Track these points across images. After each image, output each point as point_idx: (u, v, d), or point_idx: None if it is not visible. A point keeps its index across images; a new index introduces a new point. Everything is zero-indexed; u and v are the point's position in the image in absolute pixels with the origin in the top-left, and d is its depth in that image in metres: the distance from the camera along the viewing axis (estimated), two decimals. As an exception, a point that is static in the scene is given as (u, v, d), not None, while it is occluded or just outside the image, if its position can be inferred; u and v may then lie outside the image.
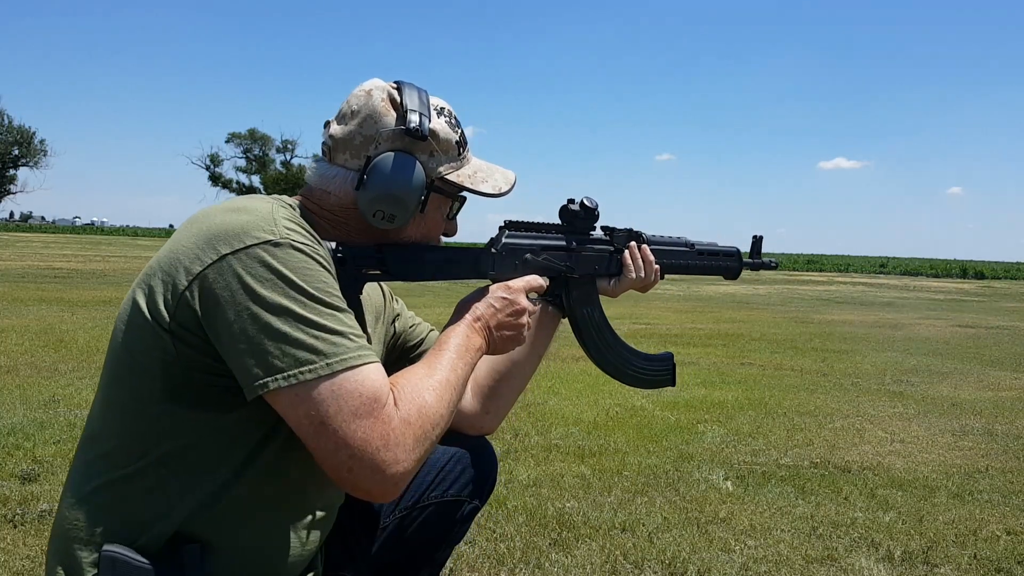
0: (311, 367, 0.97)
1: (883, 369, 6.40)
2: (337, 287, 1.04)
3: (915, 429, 4.20)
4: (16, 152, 52.94)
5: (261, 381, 0.97)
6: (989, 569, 2.32)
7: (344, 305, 1.04)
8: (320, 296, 1.00)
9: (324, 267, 1.04)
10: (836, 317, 11.80)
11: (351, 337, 1.01)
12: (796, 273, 34.62)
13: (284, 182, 55.79)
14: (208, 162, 58.63)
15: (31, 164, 54.14)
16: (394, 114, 1.16)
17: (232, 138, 58.87)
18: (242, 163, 59.28)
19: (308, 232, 1.06)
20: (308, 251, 1.02)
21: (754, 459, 3.46)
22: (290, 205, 1.13)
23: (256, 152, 58.87)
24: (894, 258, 58.92)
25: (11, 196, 55.33)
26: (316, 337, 0.98)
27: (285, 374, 0.96)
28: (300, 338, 0.97)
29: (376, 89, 1.18)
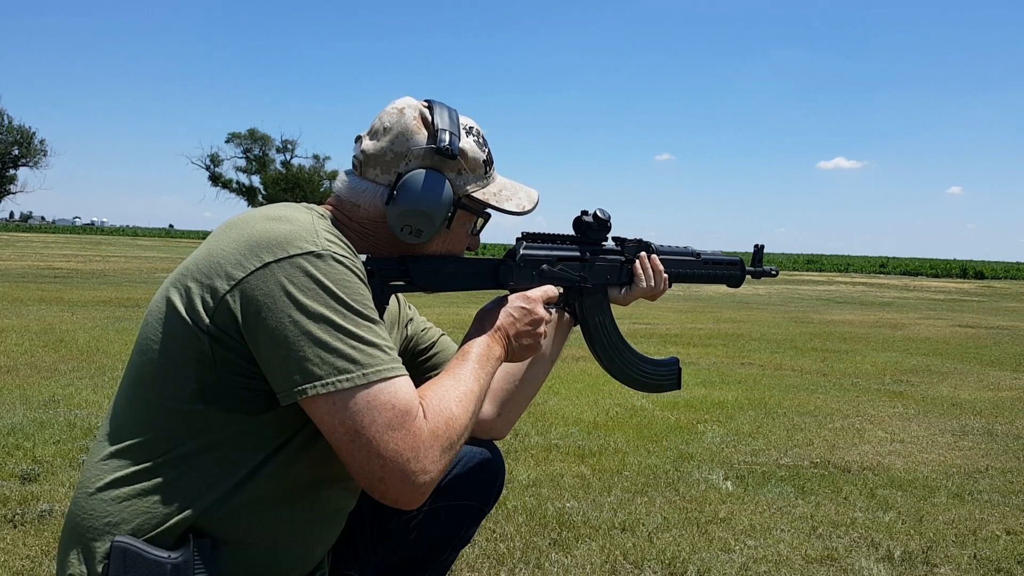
0: (348, 376, 0.99)
1: (883, 369, 6.40)
2: (371, 300, 1.07)
3: (915, 429, 4.21)
4: (16, 152, 52.84)
5: (300, 387, 0.99)
6: (989, 569, 2.32)
7: (378, 317, 1.07)
8: (358, 308, 1.03)
9: (361, 280, 1.07)
10: (836, 317, 11.80)
11: (385, 350, 1.04)
12: (796, 273, 34.62)
13: (284, 182, 55.74)
14: (208, 162, 58.51)
15: (31, 164, 54.05)
16: (425, 132, 1.19)
17: (232, 138, 58.73)
18: (242, 163, 59.14)
19: (346, 245, 1.09)
20: (347, 264, 1.05)
21: (754, 459, 3.47)
22: (323, 215, 1.15)
23: (256, 152, 58.72)
24: (894, 258, 58.89)
25: (11, 196, 55.21)
26: (354, 347, 1.01)
27: (323, 381, 0.99)
28: (339, 347, 1.00)
29: (408, 107, 1.21)
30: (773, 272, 1.75)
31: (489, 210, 1.29)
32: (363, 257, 1.15)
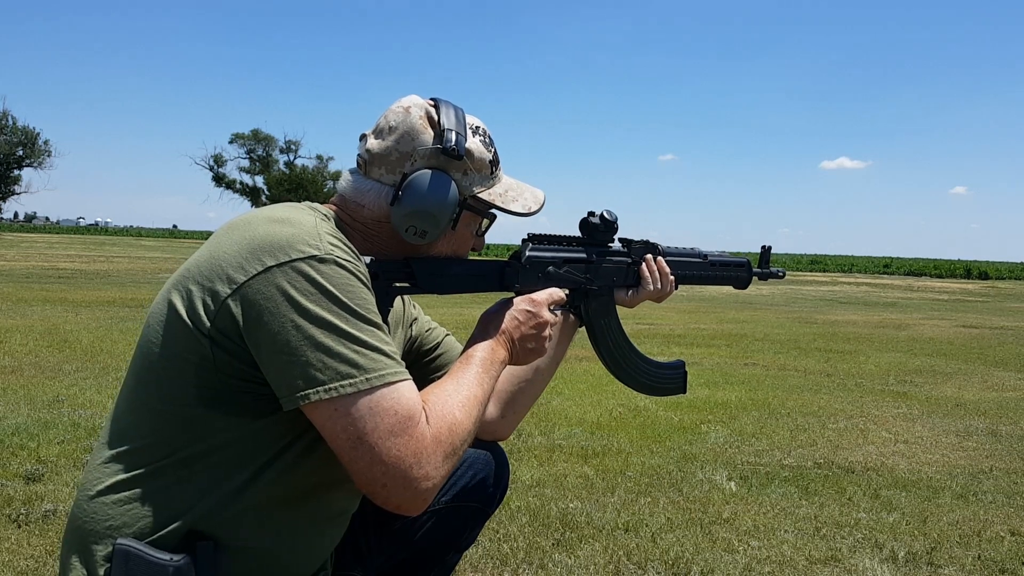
0: (351, 381, 0.99)
1: (887, 369, 6.39)
2: (375, 304, 1.06)
3: (919, 430, 4.20)
4: (20, 153, 52.85)
5: (302, 392, 0.98)
6: (993, 570, 2.31)
7: (381, 322, 1.06)
8: (361, 312, 1.02)
9: (364, 284, 1.06)
10: (840, 317, 11.78)
11: (389, 354, 1.03)
12: (800, 273, 34.55)
13: (287, 183, 55.76)
14: (212, 163, 58.53)
15: (35, 165, 54.05)
16: (431, 132, 1.18)
17: (236, 139, 58.73)
18: (246, 163, 59.15)
19: (350, 248, 1.08)
20: (351, 268, 1.04)
21: (757, 459, 3.46)
22: (326, 216, 1.14)
23: (260, 152, 58.73)
24: (898, 258, 58.78)
25: (15, 197, 55.27)
26: (357, 352, 1.00)
27: (326, 386, 0.98)
28: (342, 352, 0.99)
29: (414, 106, 1.19)
30: (780, 274, 1.73)
31: (495, 211, 1.28)
32: (367, 259, 1.14)
